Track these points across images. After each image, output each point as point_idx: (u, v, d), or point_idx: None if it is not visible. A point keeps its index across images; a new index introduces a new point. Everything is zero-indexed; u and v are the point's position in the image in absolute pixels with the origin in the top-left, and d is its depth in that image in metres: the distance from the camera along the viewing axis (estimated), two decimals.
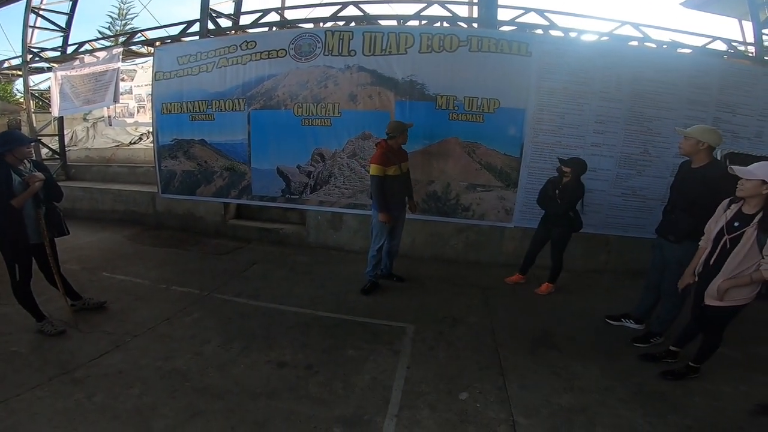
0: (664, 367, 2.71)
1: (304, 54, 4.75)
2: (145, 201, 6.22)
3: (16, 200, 2.66)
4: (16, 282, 2.83)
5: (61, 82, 6.71)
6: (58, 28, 7.64)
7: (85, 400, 2.25)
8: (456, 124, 4.53)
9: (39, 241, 2.88)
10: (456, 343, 3.03)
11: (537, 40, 4.46)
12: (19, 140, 2.83)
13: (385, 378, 2.55)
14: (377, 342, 2.98)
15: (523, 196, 4.60)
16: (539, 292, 3.98)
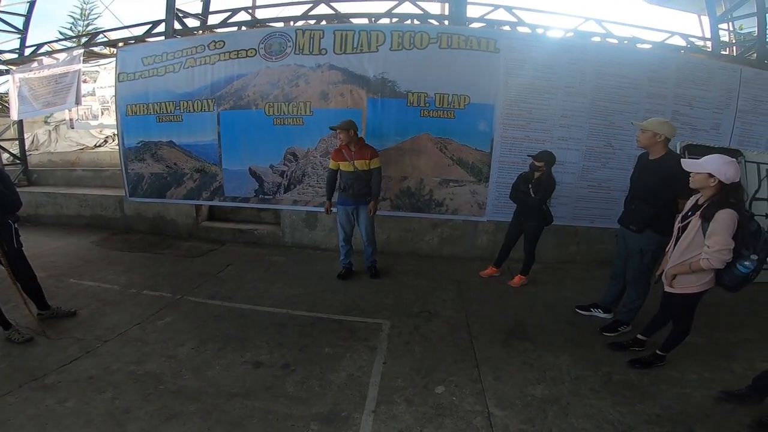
0: (631, 355, 2.80)
1: (274, 53, 4.76)
2: (112, 205, 6.08)
3: None
4: None
5: (19, 84, 6.49)
6: (15, 30, 7.37)
7: (56, 405, 2.25)
8: (428, 121, 4.63)
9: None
10: (431, 337, 3.11)
11: (505, 37, 4.61)
12: None
13: (362, 374, 2.61)
14: (353, 339, 3.03)
15: (495, 190, 4.75)
16: (512, 284, 4.11)
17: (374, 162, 3.94)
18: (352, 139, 3.89)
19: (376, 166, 3.96)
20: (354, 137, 3.91)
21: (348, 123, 3.87)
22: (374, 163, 3.94)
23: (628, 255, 3.08)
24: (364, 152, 3.91)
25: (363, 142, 4.05)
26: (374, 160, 3.94)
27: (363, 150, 3.92)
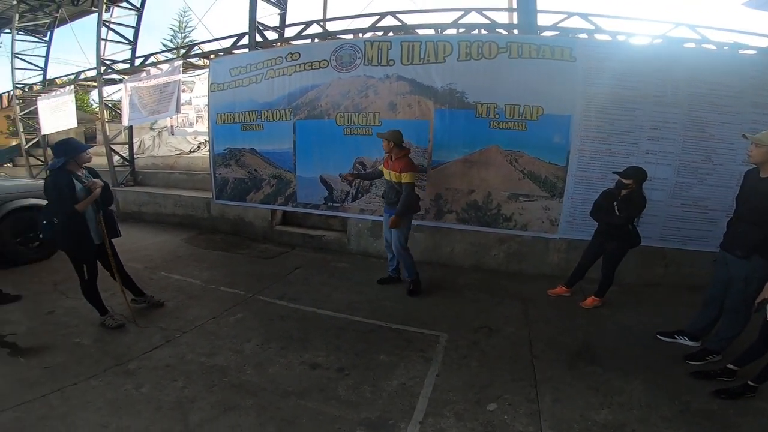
0: (718, 385, 2.63)
1: (344, 64, 5.06)
2: (201, 206, 6.90)
3: (79, 205, 3.06)
4: (84, 281, 3.27)
5: (130, 93, 7.59)
6: (126, 41, 8.69)
7: (133, 390, 2.55)
8: (497, 132, 4.60)
9: (100, 242, 3.33)
10: (490, 352, 3.10)
11: (581, 45, 4.44)
12: (78, 148, 3.20)
13: (414, 384, 2.67)
14: (409, 349, 3.12)
15: (570, 206, 4.56)
16: (584, 305, 3.94)
17: (405, 176, 3.88)
18: (393, 149, 3.97)
19: (407, 181, 3.88)
20: (395, 148, 3.96)
21: (390, 133, 3.97)
22: (405, 177, 3.88)
23: (729, 282, 2.84)
24: (397, 164, 3.93)
25: (403, 154, 3.99)
26: (405, 174, 3.87)
27: (397, 162, 3.94)
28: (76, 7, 10.57)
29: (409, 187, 3.90)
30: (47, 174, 3.19)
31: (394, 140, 3.95)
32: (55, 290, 4.09)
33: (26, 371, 2.72)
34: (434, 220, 4.99)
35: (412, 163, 3.97)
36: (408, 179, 3.88)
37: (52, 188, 3.03)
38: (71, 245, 3.19)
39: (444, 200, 4.92)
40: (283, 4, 6.52)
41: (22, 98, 11.49)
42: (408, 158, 3.97)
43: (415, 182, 3.94)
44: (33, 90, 11.08)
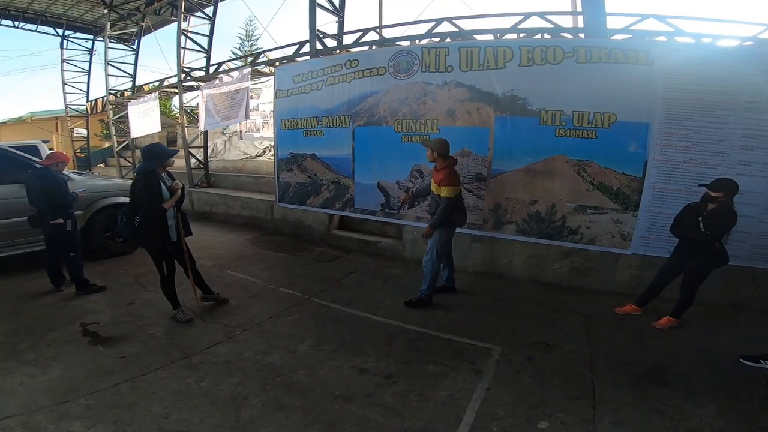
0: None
1: (402, 71, 5.13)
2: (265, 208, 7.32)
3: (166, 204, 3.41)
4: (164, 276, 3.60)
5: (206, 99, 8.29)
6: (202, 49, 9.48)
7: (194, 384, 2.72)
8: (563, 141, 4.40)
9: (176, 240, 3.66)
10: (545, 369, 2.99)
11: (659, 48, 4.14)
12: (167, 153, 3.55)
13: (462, 396, 2.63)
14: (460, 360, 3.09)
15: (646, 220, 4.24)
16: (657, 325, 3.65)
17: (444, 190, 3.73)
18: (437, 159, 3.86)
19: (445, 195, 3.72)
20: (439, 158, 3.84)
21: (433, 142, 3.89)
22: (444, 191, 3.73)
23: None
24: (438, 175, 3.82)
25: (446, 165, 3.82)
26: (444, 188, 3.72)
27: (439, 173, 3.82)
28: (159, 16, 11.80)
29: (446, 200, 3.73)
30: (136, 176, 3.56)
31: (438, 149, 3.82)
32: (136, 283, 4.56)
33: (103, 360, 3.01)
34: (492, 230, 4.88)
35: (454, 176, 3.77)
36: (446, 193, 3.72)
37: (143, 190, 3.37)
38: (154, 243, 3.52)
39: (503, 210, 4.79)
40: (340, 12, 6.76)
41: (114, 103, 12.97)
42: (450, 170, 3.79)
43: (454, 197, 3.75)
44: (124, 96, 12.47)
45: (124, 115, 12.15)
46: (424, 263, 4.04)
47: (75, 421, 2.33)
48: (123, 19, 12.22)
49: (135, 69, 13.18)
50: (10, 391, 2.61)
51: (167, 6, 10.86)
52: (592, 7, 4.64)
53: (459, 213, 3.97)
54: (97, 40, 14.94)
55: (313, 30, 6.27)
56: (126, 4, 11.78)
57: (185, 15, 9.20)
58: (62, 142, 17.22)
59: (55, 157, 4.27)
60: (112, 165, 14.49)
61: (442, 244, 3.96)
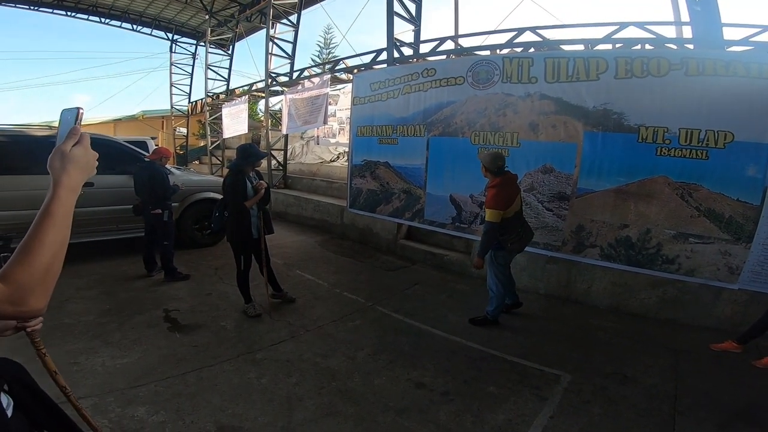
0: None
1: (481, 81, 5.10)
2: (336, 213, 7.65)
3: (248, 202, 3.72)
4: (240, 270, 3.92)
5: (289, 104, 8.92)
6: (287, 55, 10.22)
7: (254, 380, 2.86)
8: (665, 161, 4.05)
9: (257, 237, 3.96)
10: (620, 401, 2.80)
11: None
12: (258, 155, 3.88)
13: (521, 423, 2.54)
14: (523, 384, 2.98)
15: (761, 253, 3.76)
16: (759, 364, 3.29)
17: (487, 213, 3.56)
18: (487, 175, 3.71)
19: (487, 218, 3.56)
20: (488, 173, 3.68)
21: (483, 155, 3.76)
22: (487, 214, 3.56)
23: None
24: (487, 196, 3.66)
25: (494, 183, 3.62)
26: (487, 211, 3.55)
27: (488, 192, 3.64)
28: (250, 23, 13.03)
29: (487, 225, 3.56)
30: (227, 173, 3.95)
31: (485, 163, 3.68)
32: (215, 274, 5.03)
33: (178, 347, 3.28)
34: (572, 253, 4.63)
35: (499, 198, 3.53)
36: (488, 216, 3.55)
37: (230, 186, 3.74)
38: (236, 237, 3.86)
39: (587, 233, 4.53)
40: (416, 21, 6.90)
41: (210, 105, 14.42)
42: (496, 189, 3.56)
43: (496, 221, 3.53)
44: (219, 98, 13.83)
45: (218, 116, 13.48)
46: (489, 285, 3.96)
47: (141, 406, 2.54)
48: (220, 25, 13.70)
49: (229, 73, 14.62)
50: (90, 371, 2.89)
51: (257, 13, 11.90)
52: (702, 16, 4.26)
53: (512, 237, 3.70)
54: (199, 45, 16.88)
55: (391, 38, 6.49)
56: (223, 10, 13.19)
57: (272, 22, 10.01)
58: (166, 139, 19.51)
59: (159, 153, 4.89)
60: (205, 162, 16.08)
61: (500, 267, 3.83)
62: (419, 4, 6.94)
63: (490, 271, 3.89)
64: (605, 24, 5.08)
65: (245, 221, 3.78)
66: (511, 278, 4.08)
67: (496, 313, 3.96)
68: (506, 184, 3.66)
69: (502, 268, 3.87)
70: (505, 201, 3.57)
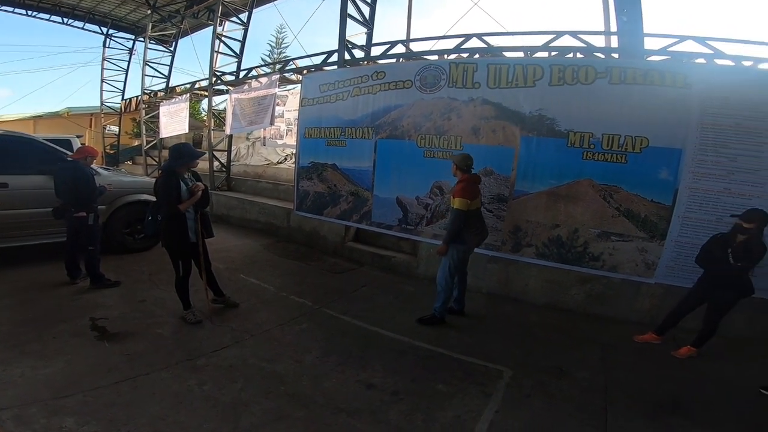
0: None
1: (428, 85, 5.15)
2: (282, 215, 7.40)
3: (182, 205, 3.44)
4: (179, 276, 3.64)
5: (234, 103, 8.53)
6: (234, 54, 9.80)
7: (196, 387, 2.72)
8: (591, 164, 4.32)
9: (195, 241, 3.68)
10: (557, 395, 2.93)
11: (698, 71, 4.05)
12: (193, 155, 3.63)
13: (469, 419, 2.59)
14: (469, 381, 3.03)
15: (673, 250, 4.12)
16: (677, 354, 3.59)
17: (454, 202, 3.75)
18: (456, 173, 3.92)
19: (455, 206, 3.75)
20: (458, 171, 3.90)
21: (458, 156, 3.94)
22: (454, 203, 3.76)
23: None
24: (454, 189, 3.84)
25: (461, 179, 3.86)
26: (455, 199, 3.75)
27: (456, 186, 3.85)
28: (196, 19, 12.33)
29: (455, 213, 3.76)
30: (159, 174, 3.65)
31: (456, 162, 3.91)
32: (150, 280, 4.64)
33: (108, 356, 3.02)
34: (511, 252, 4.80)
35: (466, 189, 3.77)
36: (456, 204, 3.74)
37: (162, 188, 3.45)
38: (172, 242, 3.58)
39: (523, 233, 4.71)
40: (370, 24, 6.88)
41: (147, 103, 13.49)
42: (463, 183, 3.82)
43: (464, 209, 3.72)
44: (157, 96, 12.95)
45: (156, 115, 12.64)
46: (438, 280, 4.00)
47: (69, 417, 2.33)
48: (164, 20, 12.84)
49: (170, 70, 13.78)
50: (8, 383, 2.62)
51: (205, 10, 11.32)
52: (628, 27, 4.59)
53: (471, 232, 3.87)
54: (137, 40, 15.72)
55: (343, 40, 6.40)
56: (168, 6, 12.38)
57: (221, 19, 9.56)
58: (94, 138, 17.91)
59: (84, 151, 4.43)
60: (139, 163, 15.00)
61: (455, 261, 3.91)
62: (373, 8, 6.90)
63: (444, 264, 3.95)
64: (544, 32, 5.31)
65: (180, 225, 3.51)
66: (465, 279, 4.15)
67: (443, 309, 4.01)
68: (473, 182, 3.90)
69: (458, 263, 3.95)
70: (471, 193, 3.80)
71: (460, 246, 3.89)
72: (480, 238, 4.02)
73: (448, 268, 3.92)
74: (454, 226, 3.79)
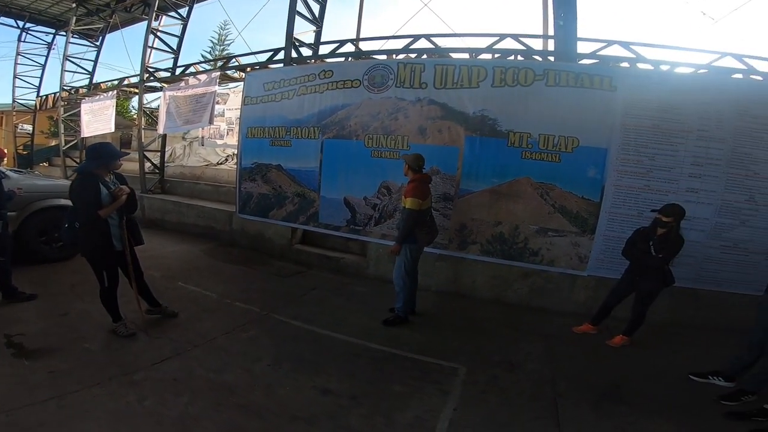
0: (754, 426, 2.64)
1: (376, 85, 5.10)
2: (223, 219, 6.99)
3: (103, 211, 3.06)
4: (104, 287, 3.24)
5: (168, 101, 7.90)
6: (170, 50, 9.11)
7: (136, 403, 2.48)
8: (529, 163, 4.51)
9: (121, 249, 3.32)
10: (510, 389, 2.99)
11: (622, 74, 4.38)
12: (113, 155, 3.23)
13: (429, 418, 2.57)
14: (426, 380, 3.02)
15: (602, 243, 4.40)
16: (611, 343, 3.81)
17: (406, 201, 3.74)
18: (408, 173, 3.90)
19: (407, 206, 3.73)
20: (410, 171, 3.88)
21: (410, 156, 3.93)
22: (406, 202, 3.74)
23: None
24: (406, 188, 3.84)
25: (413, 178, 3.85)
26: (407, 199, 3.73)
27: (407, 186, 3.85)
28: (129, 14, 11.25)
29: (407, 212, 3.73)
30: (74, 177, 3.25)
31: (408, 162, 3.89)
32: (72, 292, 4.15)
33: (29, 374, 2.68)
34: (457, 250, 4.88)
35: (418, 189, 3.76)
36: (408, 204, 3.72)
37: (78, 191, 3.07)
38: (92, 251, 3.19)
39: (469, 231, 4.82)
40: (319, 22, 6.70)
41: (66, 100, 12.17)
42: (415, 183, 3.81)
43: (417, 209, 3.71)
44: (78, 93, 11.73)
45: (77, 113, 11.43)
46: (395, 281, 3.99)
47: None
48: (91, 14, 11.61)
49: (94, 66, 12.56)
50: None
51: (139, 4, 10.41)
52: (564, 31, 4.80)
53: (423, 231, 3.88)
54: (58, 34, 14.04)
55: (290, 37, 6.16)
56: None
57: (158, 14, 8.85)
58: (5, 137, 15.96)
59: None
60: (57, 164, 13.51)
61: (409, 260, 3.90)
62: (323, 6, 6.69)
63: (399, 265, 3.93)
64: (488, 35, 5.43)
65: (101, 232, 3.14)
66: (416, 279, 4.12)
67: (405, 308, 4.00)
68: (424, 181, 3.90)
69: (412, 262, 3.94)
70: (423, 193, 3.79)
71: (413, 245, 3.89)
72: (431, 236, 4.04)
73: (403, 267, 3.90)
74: (407, 225, 3.77)
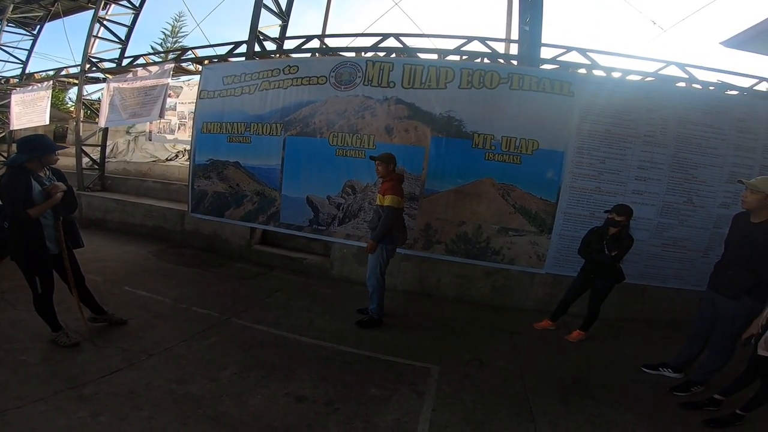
0: (706, 415, 2.72)
1: (344, 82, 4.89)
2: (174, 218, 6.42)
3: (33, 210, 2.64)
4: (38, 294, 2.81)
5: (113, 93, 7.12)
6: (118, 40, 8.28)
7: (89, 419, 2.20)
8: (492, 165, 4.52)
9: (57, 252, 2.90)
10: (483, 386, 2.96)
11: (580, 80, 4.50)
12: (47, 147, 2.81)
13: (409, 420, 2.47)
14: (400, 382, 2.91)
15: (558, 242, 4.51)
16: (570, 338, 3.90)
17: (387, 199, 3.62)
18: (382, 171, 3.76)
19: (388, 204, 3.61)
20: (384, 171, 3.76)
21: (384, 155, 3.80)
22: (387, 200, 3.62)
23: (715, 319, 2.91)
24: (383, 186, 3.73)
25: (391, 176, 3.75)
26: (387, 197, 3.62)
27: (385, 184, 3.73)
28: (73, 2, 10.15)
29: (389, 210, 3.60)
30: (4, 171, 2.77)
31: (387, 162, 3.75)
32: (2, 299, 3.57)
33: None
34: (423, 250, 4.79)
35: (397, 187, 3.69)
36: (389, 202, 3.60)
37: (6, 188, 2.62)
38: (22, 254, 2.75)
39: (434, 230, 4.75)
40: (285, 17, 6.35)
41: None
42: (393, 182, 3.72)
43: (397, 207, 3.63)
44: (9, 83, 10.44)
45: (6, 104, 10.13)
46: (368, 282, 3.84)
47: None
48: (30, 2, 10.30)
49: (29, 56, 11.33)
50: None
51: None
52: (528, 36, 4.87)
53: (399, 230, 3.78)
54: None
55: (254, 30, 5.76)
56: None
57: (106, 2, 7.98)
58: None
59: None
60: None
61: (384, 260, 3.76)
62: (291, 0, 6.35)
63: (374, 265, 3.78)
64: (456, 36, 5.38)
65: (32, 233, 2.72)
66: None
67: (380, 309, 3.86)
68: (400, 180, 3.84)
69: (386, 261, 3.81)
70: (402, 191, 3.75)
71: (389, 245, 3.76)
72: (405, 237, 3.93)
73: (378, 267, 3.76)
74: (386, 223, 3.62)
